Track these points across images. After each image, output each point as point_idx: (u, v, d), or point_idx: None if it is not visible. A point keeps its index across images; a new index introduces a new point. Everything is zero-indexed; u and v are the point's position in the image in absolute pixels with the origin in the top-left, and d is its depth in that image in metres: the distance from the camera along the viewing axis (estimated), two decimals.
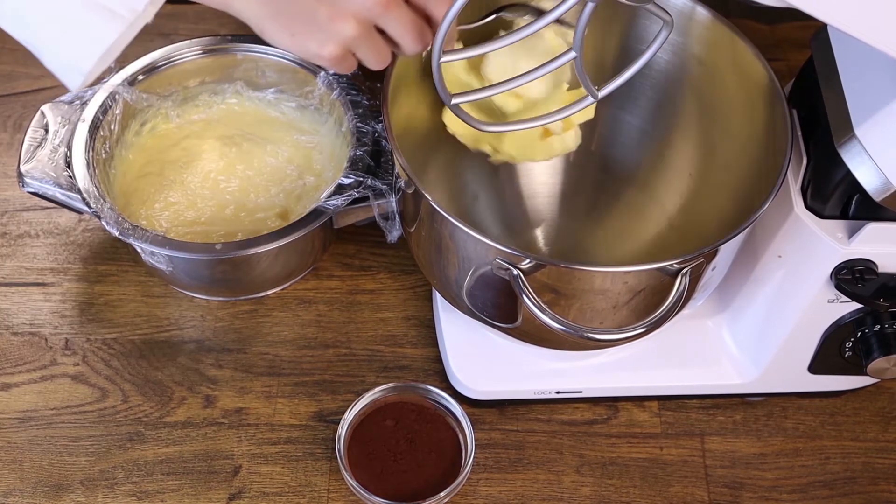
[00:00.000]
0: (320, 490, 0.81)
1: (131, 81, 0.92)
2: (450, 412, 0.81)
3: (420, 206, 0.73)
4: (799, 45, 1.11)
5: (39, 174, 0.85)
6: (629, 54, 0.84)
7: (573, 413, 0.86)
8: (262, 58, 0.95)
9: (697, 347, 0.86)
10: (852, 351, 0.79)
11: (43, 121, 0.88)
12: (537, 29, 0.63)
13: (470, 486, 0.82)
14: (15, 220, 0.95)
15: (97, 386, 0.86)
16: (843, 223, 0.72)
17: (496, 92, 0.70)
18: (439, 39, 0.64)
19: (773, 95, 0.75)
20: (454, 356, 0.85)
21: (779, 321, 0.79)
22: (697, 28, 0.80)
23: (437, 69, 0.66)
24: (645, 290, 0.70)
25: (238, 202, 0.91)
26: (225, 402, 0.85)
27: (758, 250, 0.79)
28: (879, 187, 0.66)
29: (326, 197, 0.85)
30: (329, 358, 0.88)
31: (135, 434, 0.83)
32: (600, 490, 0.82)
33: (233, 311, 0.90)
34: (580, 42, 0.64)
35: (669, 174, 0.88)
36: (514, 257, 0.68)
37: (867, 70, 0.68)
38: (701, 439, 0.85)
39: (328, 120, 0.94)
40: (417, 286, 0.93)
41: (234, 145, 0.95)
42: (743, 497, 0.82)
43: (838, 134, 0.68)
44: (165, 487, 0.80)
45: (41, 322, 0.89)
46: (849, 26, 0.57)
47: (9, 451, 0.82)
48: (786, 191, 0.74)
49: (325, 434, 0.84)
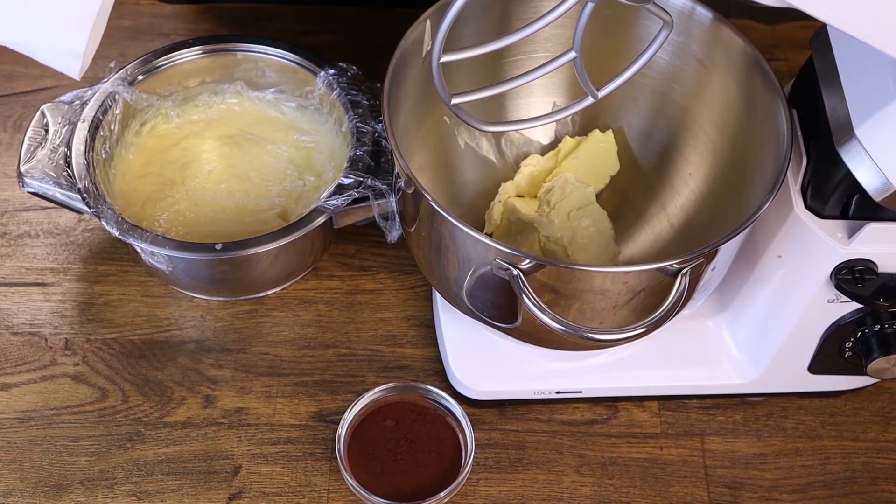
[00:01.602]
0: (320, 490, 0.81)
1: (131, 81, 0.92)
2: (450, 412, 0.81)
3: (420, 206, 0.73)
4: (799, 45, 1.11)
5: (39, 174, 0.85)
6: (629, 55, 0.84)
7: (573, 413, 0.86)
8: (262, 58, 0.95)
9: (697, 347, 0.86)
10: (852, 351, 0.79)
11: (43, 121, 0.88)
12: (538, 29, 0.63)
13: (470, 486, 0.82)
14: (15, 220, 0.95)
15: (97, 386, 0.86)
16: (843, 223, 0.72)
17: (496, 92, 0.70)
18: (439, 38, 0.63)
19: (773, 95, 0.75)
20: (454, 356, 0.85)
21: (779, 321, 0.79)
22: (697, 28, 0.80)
23: (436, 69, 0.66)
24: (645, 290, 0.70)
25: (238, 202, 0.91)
26: (225, 402, 0.85)
27: (758, 250, 0.79)
28: (879, 187, 0.66)
29: (326, 197, 0.85)
30: (329, 358, 0.88)
31: (135, 434, 0.83)
32: (600, 490, 0.82)
33: (233, 311, 0.90)
34: (580, 42, 0.64)
35: (669, 174, 0.88)
36: (514, 257, 0.68)
37: (867, 70, 0.68)
38: (701, 439, 0.85)
39: (328, 120, 0.94)
40: (417, 286, 0.93)
41: (234, 145, 0.95)
42: (743, 497, 0.82)
43: (838, 134, 0.68)
44: (165, 487, 0.80)
45: (41, 322, 0.89)
46: (848, 26, 0.57)
47: (9, 451, 0.82)
48: (786, 191, 0.74)
49: (325, 434, 0.84)
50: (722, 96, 0.81)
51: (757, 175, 0.77)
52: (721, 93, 0.81)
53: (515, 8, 0.82)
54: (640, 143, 0.89)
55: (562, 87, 0.89)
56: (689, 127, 0.85)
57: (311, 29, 1.12)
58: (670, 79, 0.84)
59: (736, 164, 0.80)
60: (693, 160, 0.86)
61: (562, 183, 0.84)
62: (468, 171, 0.89)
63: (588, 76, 0.68)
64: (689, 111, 0.85)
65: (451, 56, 0.67)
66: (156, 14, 1.13)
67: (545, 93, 0.89)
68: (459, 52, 0.67)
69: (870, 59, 0.68)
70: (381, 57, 0.77)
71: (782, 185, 0.70)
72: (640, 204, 0.89)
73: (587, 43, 0.65)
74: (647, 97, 0.86)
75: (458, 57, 0.68)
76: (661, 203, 0.88)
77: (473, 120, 0.73)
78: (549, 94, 0.89)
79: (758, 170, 0.77)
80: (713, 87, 0.82)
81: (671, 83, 0.84)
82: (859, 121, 0.66)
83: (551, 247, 0.84)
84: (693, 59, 0.82)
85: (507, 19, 0.82)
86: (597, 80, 0.71)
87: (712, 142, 0.83)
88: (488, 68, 0.85)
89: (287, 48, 0.94)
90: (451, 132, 0.88)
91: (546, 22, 0.62)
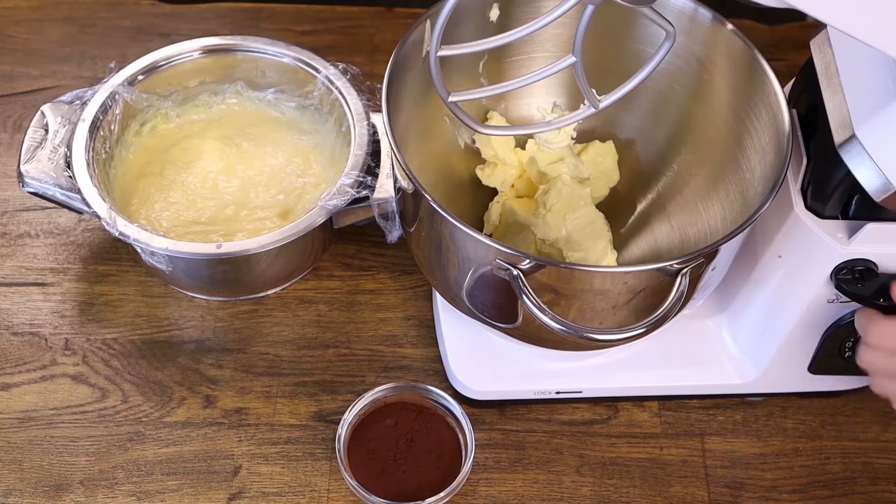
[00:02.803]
0: (320, 490, 0.81)
1: (131, 81, 0.92)
2: (450, 412, 0.81)
3: (420, 206, 0.73)
4: (799, 45, 1.11)
5: (39, 174, 0.85)
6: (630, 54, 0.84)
7: (573, 413, 0.86)
8: (262, 58, 0.95)
9: (697, 347, 0.86)
10: (852, 351, 0.79)
11: (43, 121, 0.88)
12: (537, 28, 0.63)
13: (470, 486, 0.82)
14: (15, 220, 0.95)
15: (97, 386, 0.86)
16: (843, 223, 0.72)
17: (495, 92, 0.70)
18: (437, 31, 0.63)
19: (773, 96, 0.75)
20: (454, 356, 0.85)
21: (779, 321, 0.79)
22: (698, 28, 0.80)
23: (434, 64, 0.66)
24: (645, 290, 0.70)
25: (238, 202, 0.91)
26: (225, 402, 0.85)
27: (758, 250, 0.79)
28: (879, 188, 0.66)
29: (326, 197, 0.85)
30: (329, 358, 0.88)
31: (135, 434, 0.83)
32: (600, 490, 0.82)
33: (233, 311, 0.90)
34: (580, 47, 0.64)
35: (669, 174, 0.88)
36: (513, 257, 0.68)
37: (867, 70, 0.68)
38: (701, 439, 0.85)
39: (328, 120, 0.94)
40: (417, 286, 0.93)
41: (234, 145, 0.95)
42: (743, 497, 0.82)
43: (838, 134, 0.68)
44: (165, 487, 0.80)
45: (41, 322, 0.89)
46: (848, 27, 0.57)
47: (9, 451, 0.82)
48: (786, 191, 0.74)
49: (325, 434, 0.84)
50: (722, 96, 0.81)
51: (757, 175, 0.77)
52: (721, 93, 0.81)
53: (515, 8, 0.82)
54: (640, 142, 0.89)
55: (562, 87, 0.89)
56: (689, 127, 0.85)
57: (311, 29, 1.12)
58: (670, 79, 0.84)
59: (736, 165, 0.80)
60: (693, 160, 0.86)
61: (558, 185, 0.84)
62: (468, 171, 0.89)
63: (588, 83, 0.67)
64: (689, 111, 0.85)
65: (449, 51, 0.66)
66: (156, 14, 1.13)
67: (546, 92, 0.89)
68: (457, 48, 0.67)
69: (870, 59, 0.68)
70: (381, 57, 0.77)
71: (782, 185, 0.70)
72: (640, 204, 0.89)
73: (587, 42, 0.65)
74: (648, 97, 0.86)
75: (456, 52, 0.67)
76: (661, 203, 0.88)
77: (470, 120, 0.72)
78: (550, 94, 0.89)
79: (758, 170, 0.77)
80: (713, 87, 0.82)
81: (671, 83, 0.84)
82: (859, 121, 0.66)
83: (547, 249, 0.84)
84: (693, 59, 0.82)
85: (508, 19, 0.82)
86: (597, 80, 0.70)
87: (712, 142, 0.83)
88: (488, 68, 0.85)
89: (287, 48, 0.94)
90: (451, 132, 0.88)
91: (545, 22, 0.62)
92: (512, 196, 0.89)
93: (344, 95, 0.91)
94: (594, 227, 0.84)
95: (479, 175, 0.89)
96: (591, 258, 0.83)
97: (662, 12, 0.79)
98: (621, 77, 0.69)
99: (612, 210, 0.89)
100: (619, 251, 0.88)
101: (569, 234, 0.83)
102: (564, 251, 0.83)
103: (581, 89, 0.67)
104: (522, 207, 0.87)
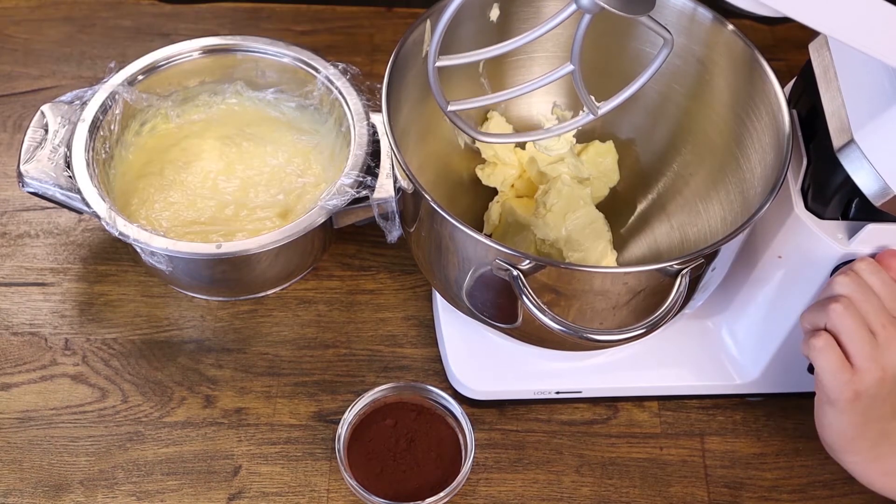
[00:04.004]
0: (320, 490, 0.81)
1: (131, 81, 0.92)
2: (449, 412, 0.81)
3: (420, 206, 0.73)
4: (799, 45, 1.10)
5: (39, 174, 0.85)
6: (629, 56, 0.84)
7: (573, 413, 0.86)
8: (262, 58, 0.95)
9: (697, 347, 0.86)
10: None
11: (43, 121, 0.88)
12: (535, 37, 0.63)
13: (470, 486, 0.82)
14: (15, 220, 0.95)
15: (97, 386, 0.86)
16: (843, 224, 0.72)
17: (492, 101, 0.70)
18: (434, 43, 0.63)
19: (773, 96, 0.75)
20: (454, 356, 0.85)
21: (779, 321, 0.79)
22: (698, 28, 0.80)
23: (433, 74, 0.66)
24: (645, 290, 0.70)
25: (238, 202, 0.91)
26: (225, 402, 0.85)
27: (758, 251, 0.79)
28: (878, 192, 0.66)
29: (326, 197, 0.85)
30: (329, 358, 0.88)
31: (135, 434, 0.83)
32: (600, 490, 0.82)
33: (233, 311, 0.90)
34: (578, 55, 0.64)
35: (669, 174, 0.88)
36: (513, 258, 0.68)
37: (865, 75, 0.68)
38: (701, 439, 0.85)
39: (328, 120, 0.94)
40: (417, 286, 0.93)
41: (234, 145, 0.95)
42: (743, 497, 0.82)
43: (837, 139, 0.68)
44: (165, 487, 0.80)
45: (41, 322, 0.89)
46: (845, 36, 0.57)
47: (9, 451, 0.82)
48: (786, 191, 0.74)
49: (325, 434, 0.84)
50: (722, 96, 0.81)
51: (757, 175, 0.77)
52: (721, 93, 0.81)
53: (516, 8, 0.82)
54: (640, 143, 0.89)
55: (562, 89, 0.89)
56: (689, 127, 0.85)
57: (311, 29, 1.12)
58: (670, 79, 0.84)
59: (736, 165, 0.80)
60: (693, 160, 0.86)
61: (557, 185, 0.84)
62: (468, 171, 0.89)
63: (587, 90, 0.67)
64: (689, 111, 0.85)
65: (448, 61, 0.67)
66: (156, 14, 1.13)
67: (545, 92, 0.89)
68: (456, 58, 0.67)
69: (868, 65, 0.68)
70: (380, 57, 0.77)
71: (782, 186, 0.70)
72: (640, 204, 0.89)
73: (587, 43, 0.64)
74: (648, 97, 0.86)
75: (454, 62, 0.67)
76: (661, 203, 0.88)
77: (469, 129, 0.73)
78: (550, 95, 0.89)
79: (758, 170, 0.77)
80: (713, 87, 0.82)
81: (671, 83, 0.84)
82: (858, 125, 0.66)
83: (546, 249, 0.84)
84: (693, 59, 0.82)
85: (508, 19, 0.82)
86: (596, 82, 0.70)
87: (712, 142, 0.83)
88: (489, 69, 0.85)
89: (287, 48, 0.94)
90: (451, 132, 0.88)
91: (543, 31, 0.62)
92: (512, 196, 0.89)
93: (344, 95, 0.91)
94: (594, 228, 0.84)
95: (479, 175, 0.89)
96: (591, 258, 0.83)
97: (662, 12, 0.80)
98: (621, 79, 0.69)
99: (612, 210, 0.89)
100: (619, 251, 0.88)
101: (569, 235, 0.83)
102: (564, 251, 0.83)
103: (580, 97, 0.67)
104: (522, 207, 0.87)
